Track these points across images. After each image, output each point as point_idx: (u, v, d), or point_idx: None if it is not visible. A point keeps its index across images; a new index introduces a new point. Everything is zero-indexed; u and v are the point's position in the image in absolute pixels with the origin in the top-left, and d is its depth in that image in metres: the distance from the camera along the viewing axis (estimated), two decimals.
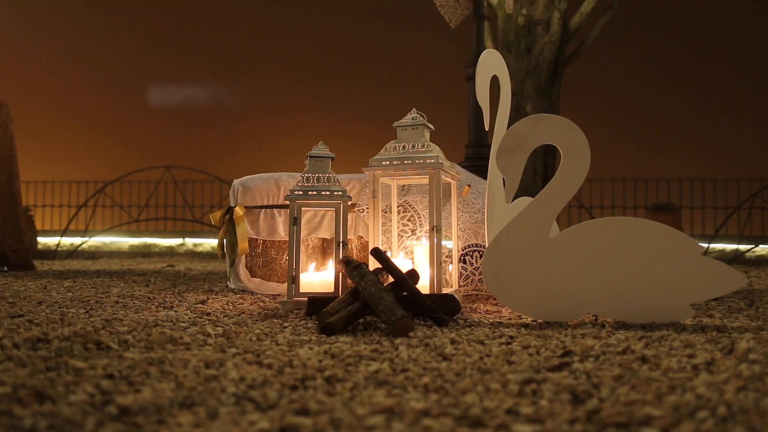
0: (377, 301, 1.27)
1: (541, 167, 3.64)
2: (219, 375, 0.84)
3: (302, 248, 2.03)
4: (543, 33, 3.39)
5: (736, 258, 4.87)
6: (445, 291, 1.71)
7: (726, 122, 6.66)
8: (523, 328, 1.30)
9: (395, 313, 1.20)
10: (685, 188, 5.71)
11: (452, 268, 1.83)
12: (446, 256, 1.92)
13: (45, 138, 7.30)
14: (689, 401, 0.69)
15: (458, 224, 2.00)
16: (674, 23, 6.92)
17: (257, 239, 2.09)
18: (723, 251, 5.21)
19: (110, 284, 2.31)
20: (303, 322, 1.41)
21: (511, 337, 1.18)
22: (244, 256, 2.06)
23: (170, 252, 5.93)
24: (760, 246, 5.01)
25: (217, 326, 1.29)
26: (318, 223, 2.03)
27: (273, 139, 7.23)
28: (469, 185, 1.99)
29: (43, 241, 6.07)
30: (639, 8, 6.55)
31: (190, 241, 6.00)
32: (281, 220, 2.07)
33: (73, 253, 5.64)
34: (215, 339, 1.14)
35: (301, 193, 1.63)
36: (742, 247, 4.99)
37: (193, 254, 5.84)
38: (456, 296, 1.74)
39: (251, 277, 2.08)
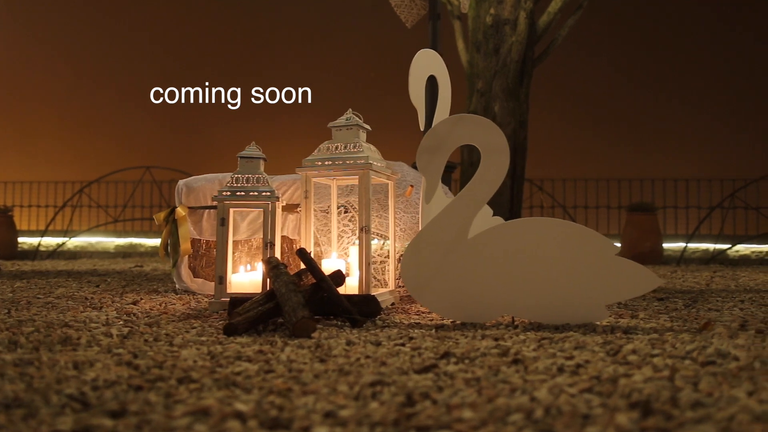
0: (285, 301, 1.27)
1: (510, 168, 3.63)
2: (75, 376, 0.83)
3: (245, 248, 2.03)
4: (510, 33, 3.38)
5: (714, 257, 4.85)
6: (380, 291, 1.71)
7: (705, 122, 6.62)
8: (434, 330, 1.29)
9: (296, 314, 1.20)
10: (669, 188, 5.69)
11: (390, 269, 1.83)
12: (385, 257, 1.91)
13: (29, 138, 7.31)
14: (514, 404, 0.68)
15: (400, 225, 1.99)
16: (647, 22, 6.88)
17: (201, 240, 2.09)
18: (706, 251, 5.19)
19: (61, 284, 2.31)
20: (221, 322, 1.41)
21: (410, 338, 1.17)
22: (186, 256, 2.06)
23: (155, 252, 5.93)
24: (740, 245, 4.99)
25: (126, 327, 1.29)
26: (261, 223, 2.03)
27: (257, 141, 7.23)
28: (412, 185, 1.98)
29: (28, 241, 6.09)
30: (609, 7, 6.52)
31: None
32: None
33: (54, 253, 5.64)
34: (111, 340, 1.14)
35: (229, 193, 1.63)
36: (719, 246, 4.97)
37: None
38: (390, 296, 1.73)
39: (194, 277, 2.07)
